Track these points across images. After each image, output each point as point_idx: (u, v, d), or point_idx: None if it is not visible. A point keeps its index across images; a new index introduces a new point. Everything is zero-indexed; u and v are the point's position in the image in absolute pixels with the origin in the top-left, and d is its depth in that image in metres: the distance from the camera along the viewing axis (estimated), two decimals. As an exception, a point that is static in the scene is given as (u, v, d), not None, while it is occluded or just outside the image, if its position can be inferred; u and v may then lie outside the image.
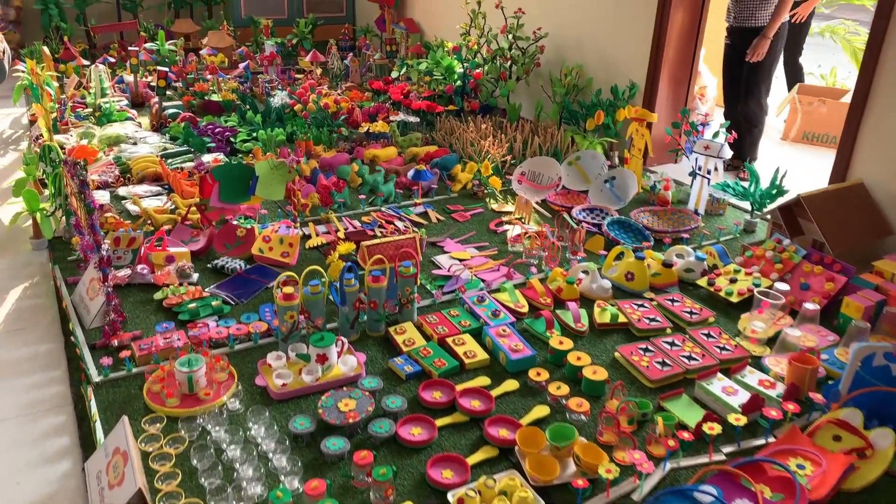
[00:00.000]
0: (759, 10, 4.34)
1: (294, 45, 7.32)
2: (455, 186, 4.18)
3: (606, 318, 2.80)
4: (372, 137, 4.81)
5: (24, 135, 5.08)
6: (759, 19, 4.35)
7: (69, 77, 6.18)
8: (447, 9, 6.69)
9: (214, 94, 5.73)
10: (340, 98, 5.24)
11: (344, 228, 3.61)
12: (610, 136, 4.65)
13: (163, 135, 4.91)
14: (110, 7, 7.60)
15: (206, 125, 4.95)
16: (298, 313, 2.51)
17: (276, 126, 4.89)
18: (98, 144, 4.58)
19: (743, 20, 4.41)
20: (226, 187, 3.34)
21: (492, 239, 3.58)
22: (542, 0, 5.31)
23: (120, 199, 3.91)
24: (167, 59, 6.61)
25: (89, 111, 5.25)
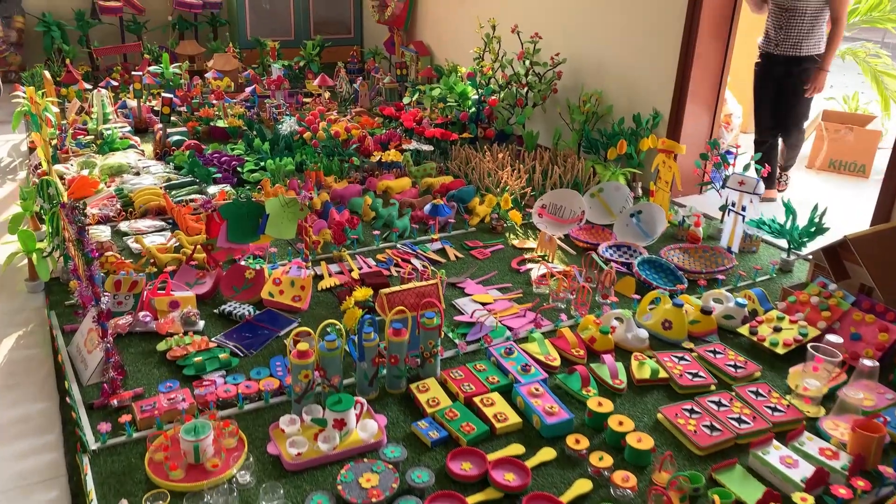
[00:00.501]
0: (806, 39, 4.20)
1: (301, 67, 7.16)
2: (473, 220, 3.98)
3: (646, 374, 2.59)
4: (384, 167, 4.63)
5: (22, 163, 4.90)
6: (805, 48, 4.21)
7: (70, 101, 6.02)
8: (458, 32, 6.53)
9: (220, 119, 5.56)
10: (351, 125, 5.06)
11: (358, 268, 3.41)
12: (633, 167, 4.46)
13: (167, 163, 4.73)
14: (114, 29, 7.46)
15: (212, 153, 4.77)
16: (313, 371, 2.31)
17: (285, 155, 4.70)
18: (99, 175, 4.39)
19: (788, 48, 4.27)
20: (234, 226, 3.14)
21: (514, 279, 3.38)
22: (560, 24, 5.14)
23: (121, 234, 3.71)
24: (171, 82, 6.45)
25: (91, 138, 5.07)
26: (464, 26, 6.40)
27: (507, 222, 3.98)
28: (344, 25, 8.35)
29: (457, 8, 6.48)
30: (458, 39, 6.54)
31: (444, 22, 6.78)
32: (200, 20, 7.75)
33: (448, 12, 6.68)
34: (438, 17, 6.88)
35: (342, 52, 8.07)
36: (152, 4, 7.57)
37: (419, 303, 2.64)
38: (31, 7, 7.14)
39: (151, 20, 7.57)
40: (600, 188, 4.15)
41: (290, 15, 7.91)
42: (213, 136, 5.42)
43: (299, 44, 7.97)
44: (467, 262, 3.55)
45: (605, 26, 4.78)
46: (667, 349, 2.81)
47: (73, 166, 4.52)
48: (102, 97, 5.45)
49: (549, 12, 5.25)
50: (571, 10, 5.04)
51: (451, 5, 6.58)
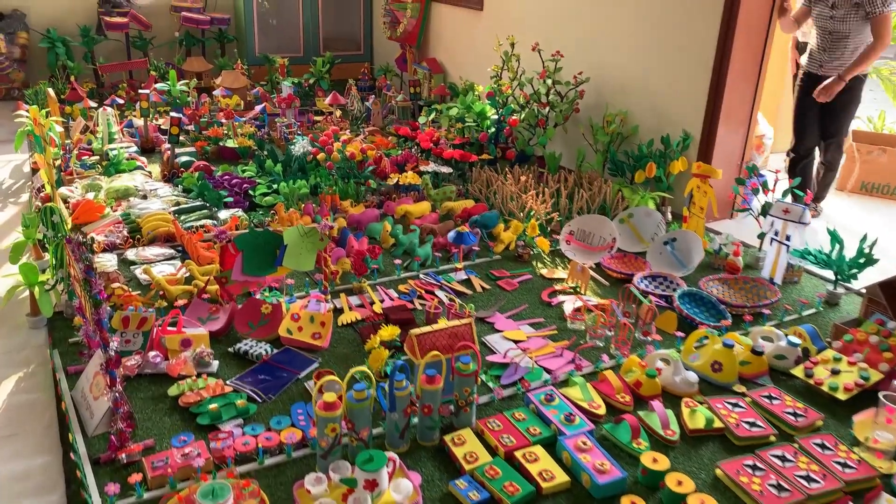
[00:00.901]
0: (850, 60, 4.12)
1: (311, 84, 6.99)
2: (497, 247, 3.79)
3: (700, 423, 2.39)
4: (401, 190, 4.44)
5: (25, 185, 4.72)
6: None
7: (75, 120, 5.84)
8: (472, 49, 6.36)
9: (229, 139, 5.38)
10: (366, 146, 4.87)
11: (380, 300, 3.21)
12: (662, 190, 4.27)
13: (175, 186, 4.54)
14: (119, 45, 7.30)
15: (222, 175, 4.58)
16: (341, 423, 2.11)
17: (299, 177, 4.51)
18: (105, 198, 4.20)
19: (832, 69, 4.20)
20: (250, 257, 2.95)
21: (546, 313, 3.18)
22: (582, 42, 4.97)
23: (128, 263, 3.52)
24: (178, 100, 6.27)
25: (96, 159, 4.89)
26: (479, 44, 6.24)
27: (533, 250, 3.79)
28: (353, 42, 8.19)
29: (472, 25, 6.32)
30: (472, 57, 6.37)
31: (458, 39, 6.62)
32: (208, 36, 7.60)
33: (462, 29, 6.52)
34: (452, 35, 6.72)
35: (352, 69, 7.91)
36: (159, 20, 7.42)
37: (453, 345, 2.44)
38: (35, 23, 6.99)
39: (158, 36, 7.42)
40: (630, 213, 3.96)
41: (299, 31, 7.76)
42: (222, 156, 5.24)
43: (308, 60, 7.81)
44: (494, 293, 3.35)
45: (630, 44, 4.61)
46: (717, 393, 2.61)
47: (77, 189, 4.33)
48: (108, 116, 5.28)
49: (570, 30, 5.09)
50: (594, 28, 4.87)
51: (466, 22, 6.42)
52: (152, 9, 7.37)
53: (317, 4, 7.71)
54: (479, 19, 6.20)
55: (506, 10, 5.81)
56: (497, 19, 5.94)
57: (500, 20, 5.89)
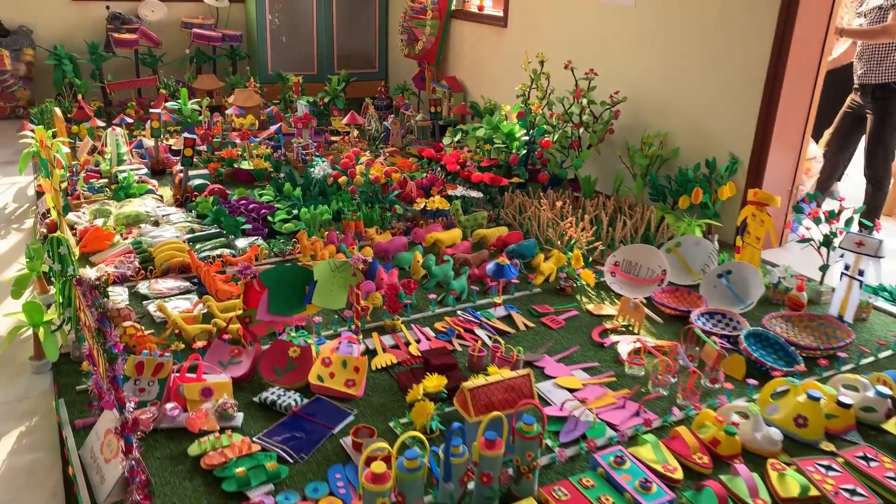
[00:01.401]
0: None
1: (326, 103, 6.75)
2: (537, 279, 3.51)
3: (794, 491, 2.10)
4: (429, 216, 4.17)
5: (29, 210, 4.46)
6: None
7: (82, 140, 5.60)
8: (495, 67, 6.13)
9: (244, 161, 5.12)
10: (390, 168, 4.62)
11: (415, 340, 2.93)
12: (708, 217, 4.01)
13: (188, 211, 4.28)
14: (128, 62, 7.08)
15: (239, 200, 4.32)
16: (391, 497, 1.82)
17: (320, 202, 4.25)
18: (114, 225, 3.94)
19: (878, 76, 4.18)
20: (277, 295, 2.68)
21: (599, 356, 2.90)
22: (616, 59, 4.72)
23: (141, 297, 3.25)
24: (189, 119, 6.03)
25: (104, 182, 4.64)
26: (502, 61, 6.00)
27: (577, 282, 3.51)
28: (368, 59, 7.97)
29: (495, 42, 6.09)
30: (495, 75, 6.13)
31: (480, 57, 6.39)
32: (219, 53, 7.38)
33: (484, 47, 6.28)
34: (473, 52, 6.49)
35: (367, 87, 7.68)
36: (169, 37, 7.20)
37: (510, 400, 2.16)
38: (41, 39, 6.78)
39: (168, 53, 7.20)
40: (677, 243, 3.70)
41: (313, 48, 7.53)
42: (236, 178, 4.99)
43: (323, 78, 7.59)
44: (539, 332, 3.07)
45: (670, 61, 4.36)
46: (803, 453, 2.32)
47: (85, 215, 4.07)
48: (117, 136, 5.03)
49: (602, 47, 4.84)
50: (630, 45, 4.63)
51: (489, 40, 6.19)
52: (162, 25, 7.16)
53: (331, 21, 7.50)
54: (502, 36, 5.97)
55: (532, 26, 5.57)
56: (522, 36, 5.71)
57: (526, 37, 5.65)
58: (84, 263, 3.56)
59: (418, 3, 6.78)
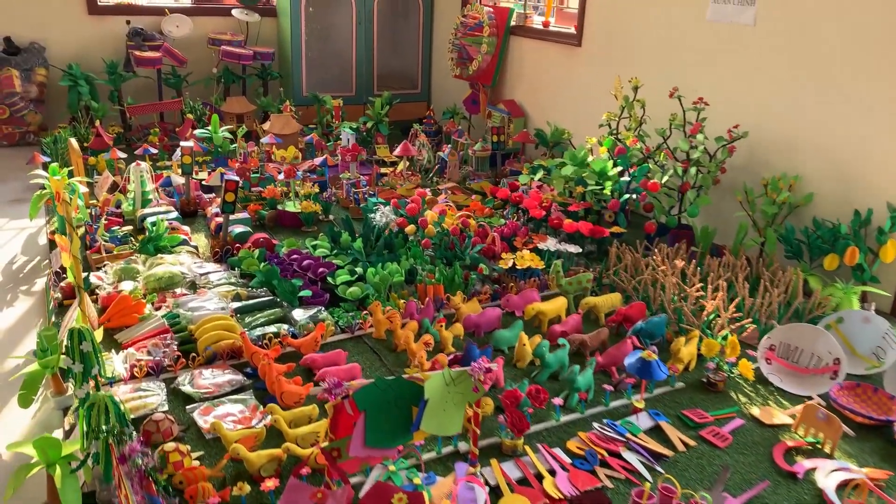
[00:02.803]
0: None
1: (369, 129, 6.06)
2: (674, 366, 2.80)
3: None
4: (519, 276, 3.47)
5: (41, 264, 3.77)
6: None
7: (101, 173, 4.92)
8: (566, 91, 5.43)
9: (289, 201, 4.43)
10: (463, 215, 3.91)
11: (548, 470, 2.22)
12: (861, 281, 3.29)
13: (230, 268, 3.59)
14: (149, 83, 6.41)
15: (290, 254, 3.62)
16: None
17: (386, 258, 3.54)
18: (143, 288, 3.26)
19: None
20: (376, 420, 1.97)
21: (794, 492, 2.18)
22: (729, 85, 4.02)
23: (182, 396, 2.54)
24: (220, 149, 5.35)
25: (128, 230, 3.95)
26: (576, 85, 5.31)
27: (730, 374, 2.79)
28: (409, 79, 7.29)
29: (566, 63, 5.40)
30: (566, 100, 5.44)
31: (547, 79, 5.69)
32: (249, 73, 6.71)
33: (553, 68, 5.59)
34: (537, 73, 5.80)
35: (409, 109, 7.00)
36: (194, 55, 6.54)
37: None
38: (55, 58, 6.12)
39: (193, 73, 6.53)
40: (839, 318, 2.99)
41: (351, 67, 6.86)
42: (281, 223, 4.30)
43: (361, 100, 6.92)
44: (705, 454, 2.35)
45: (802, 90, 3.65)
46: None
47: (108, 274, 3.38)
48: (141, 172, 4.35)
49: (711, 72, 4.14)
50: (747, 70, 3.93)
51: (559, 60, 5.50)
52: (187, 42, 6.50)
53: (371, 37, 6.82)
54: (575, 56, 5.28)
55: (615, 46, 4.88)
56: (601, 57, 5.01)
57: (606, 58, 4.96)
58: (109, 345, 2.86)
59: (472, 19, 6.10)
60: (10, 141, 5.90)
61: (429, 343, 2.82)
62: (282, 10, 6.67)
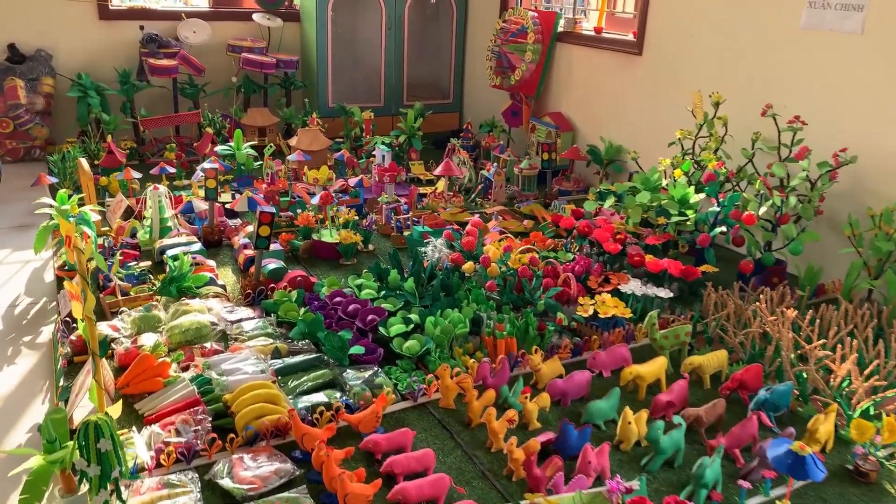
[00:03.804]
0: None
1: (402, 144, 5.59)
2: (808, 447, 2.30)
3: None
4: (601, 325, 2.99)
5: (47, 306, 3.30)
6: None
7: (114, 195, 4.46)
8: (622, 103, 4.95)
9: (324, 230, 3.95)
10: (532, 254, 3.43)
11: None
12: None
13: (264, 313, 3.11)
14: (164, 93, 5.94)
15: (332, 296, 3.14)
16: None
17: (444, 302, 3.06)
18: (167, 341, 2.78)
19: None
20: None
21: None
22: (829, 103, 3.53)
23: (221, 494, 2.07)
24: (244, 167, 4.89)
25: (145, 266, 3.47)
26: (633, 97, 4.83)
27: (884, 461, 2.30)
28: (440, 89, 6.81)
29: (623, 73, 4.91)
30: (623, 114, 4.96)
31: (599, 90, 5.21)
32: (271, 82, 6.23)
33: (607, 78, 5.11)
34: (587, 84, 5.31)
35: (440, 121, 6.53)
36: (212, 62, 6.07)
37: None
38: (63, 66, 5.66)
39: (211, 82, 6.07)
40: None
41: (379, 76, 6.39)
42: (316, 254, 3.83)
43: (390, 111, 6.45)
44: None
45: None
46: None
47: (125, 324, 2.90)
48: (159, 196, 3.88)
49: (804, 87, 3.65)
50: (853, 85, 3.44)
51: (614, 69, 5.02)
52: (204, 48, 6.03)
53: (402, 43, 6.35)
54: (634, 66, 4.80)
55: (684, 55, 4.39)
56: (666, 67, 4.53)
57: (672, 69, 4.48)
58: (129, 417, 2.39)
59: (514, 24, 5.62)
60: (15, 156, 5.44)
61: (513, 420, 2.34)
62: (306, 14, 6.21)
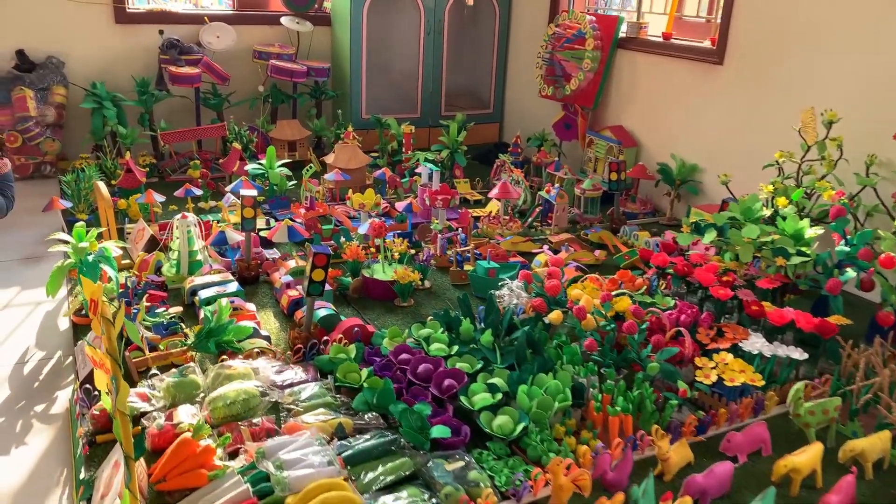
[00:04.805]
0: None
1: (445, 159, 5.09)
2: None
3: None
4: (726, 394, 2.49)
5: (62, 363, 2.81)
6: None
7: (135, 220, 3.99)
8: (698, 117, 4.45)
9: (376, 266, 3.46)
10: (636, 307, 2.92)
11: None
12: None
13: (317, 372, 2.62)
14: (185, 103, 5.46)
15: (396, 353, 2.65)
16: None
17: (532, 363, 2.56)
18: (210, 419, 2.29)
19: None
20: None
21: None
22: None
23: None
24: (277, 188, 4.40)
25: (176, 313, 2.98)
26: (712, 111, 4.33)
27: None
28: (479, 98, 6.33)
29: (700, 85, 4.41)
30: (698, 130, 4.46)
31: (669, 102, 4.72)
32: (300, 91, 5.75)
33: (680, 90, 4.62)
34: (654, 95, 4.82)
35: (478, 132, 6.03)
36: (236, 70, 5.59)
37: None
38: (76, 74, 5.19)
39: (236, 92, 5.59)
40: None
41: (416, 84, 5.90)
42: (367, 293, 3.35)
43: (426, 122, 5.97)
44: None
45: None
46: None
47: (157, 395, 2.41)
48: (189, 226, 3.40)
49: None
50: None
51: (689, 81, 4.52)
52: (228, 55, 5.55)
53: (441, 49, 5.86)
54: (715, 77, 4.29)
55: (777, 66, 3.89)
56: (753, 79, 4.03)
57: (761, 81, 3.98)
58: (167, 530, 1.90)
59: (569, 28, 5.13)
60: (23, 173, 4.96)
61: (657, 537, 1.84)
62: (338, 17, 5.73)
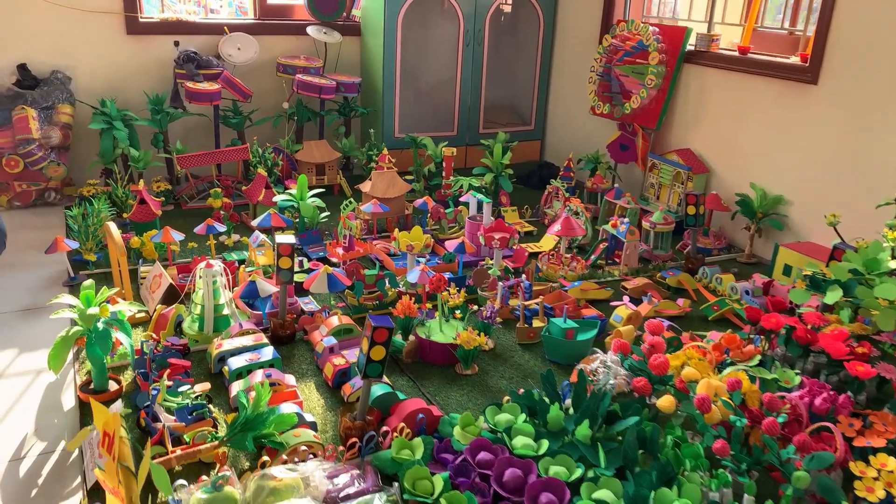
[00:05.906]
0: None
1: (489, 185, 4.60)
2: None
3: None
4: (891, 510, 1.98)
5: (67, 460, 2.32)
6: None
7: (150, 263, 3.51)
8: (786, 143, 3.95)
9: (430, 319, 2.97)
10: (771, 396, 2.41)
11: None
12: None
13: (378, 476, 2.12)
14: (203, 122, 4.98)
15: (473, 450, 2.15)
16: None
17: (648, 469, 2.05)
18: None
19: None
20: None
21: None
22: None
23: None
24: (308, 221, 3.92)
25: (204, 391, 2.49)
26: (803, 135, 3.82)
27: None
28: (519, 113, 5.84)
29: (789, 107, 3.90)
30: (785, 157, 3.95)
31: (746, 125, 4.21)
32: (328, 108, 5.26)
33: (759, 111, 4.11)
34: (730, 117, 4.31)
35: (518, 150, 5.53)
36: (258, 85, 5.12)
37: None
38: (83, 91, 4.72)
39: (260, 109, 5.11)
40: None
41: (454, 100, 5.41)
42: (423, 358, 2.85)
43: (464, 141, 5.48)
44: None
45: None
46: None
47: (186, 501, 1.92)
48: (215, 276, 2.91)
49: None
50: None
51: (775, 101, 4.01)
52: (249, 68, 5.08)
53: (480, 62, 5.36)
54: (807, 98, 3.78)
55: (886, 86, 3.39)
56: (859, 103, 3.52)
57: (869, 106, 3.47)
58: None
59: (628, 40, 4.62)
60: (25, 201, 4.49)
61: None
62: (369, 28, 5.24)
